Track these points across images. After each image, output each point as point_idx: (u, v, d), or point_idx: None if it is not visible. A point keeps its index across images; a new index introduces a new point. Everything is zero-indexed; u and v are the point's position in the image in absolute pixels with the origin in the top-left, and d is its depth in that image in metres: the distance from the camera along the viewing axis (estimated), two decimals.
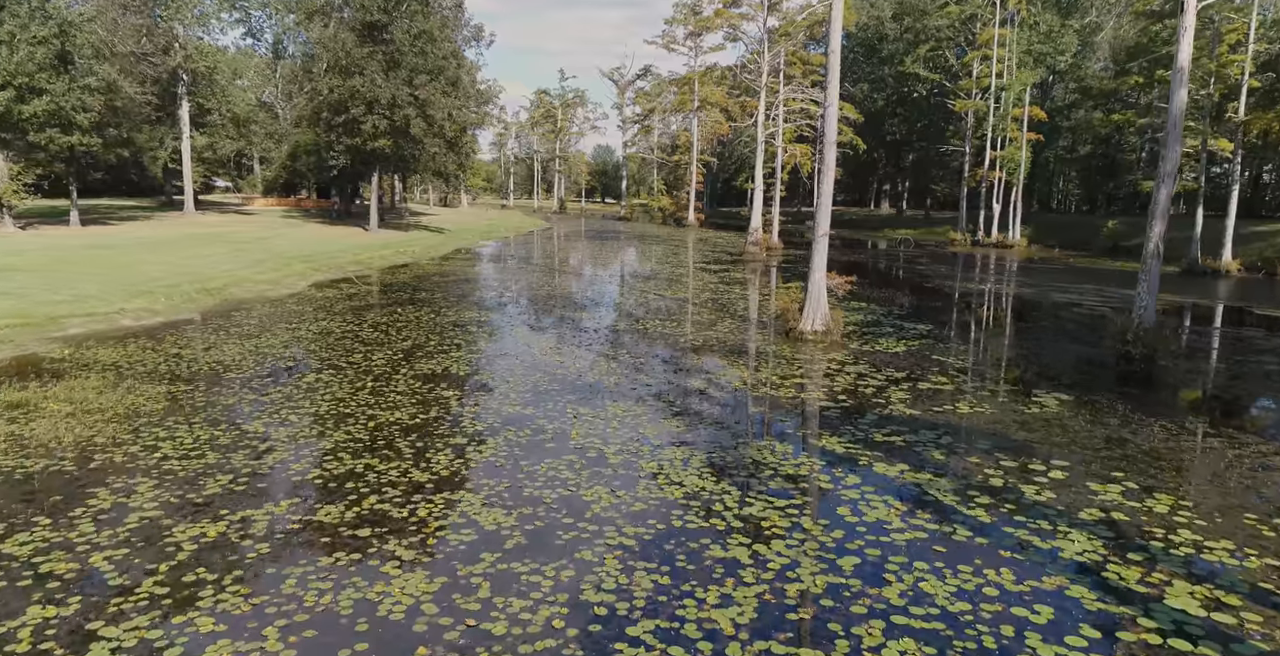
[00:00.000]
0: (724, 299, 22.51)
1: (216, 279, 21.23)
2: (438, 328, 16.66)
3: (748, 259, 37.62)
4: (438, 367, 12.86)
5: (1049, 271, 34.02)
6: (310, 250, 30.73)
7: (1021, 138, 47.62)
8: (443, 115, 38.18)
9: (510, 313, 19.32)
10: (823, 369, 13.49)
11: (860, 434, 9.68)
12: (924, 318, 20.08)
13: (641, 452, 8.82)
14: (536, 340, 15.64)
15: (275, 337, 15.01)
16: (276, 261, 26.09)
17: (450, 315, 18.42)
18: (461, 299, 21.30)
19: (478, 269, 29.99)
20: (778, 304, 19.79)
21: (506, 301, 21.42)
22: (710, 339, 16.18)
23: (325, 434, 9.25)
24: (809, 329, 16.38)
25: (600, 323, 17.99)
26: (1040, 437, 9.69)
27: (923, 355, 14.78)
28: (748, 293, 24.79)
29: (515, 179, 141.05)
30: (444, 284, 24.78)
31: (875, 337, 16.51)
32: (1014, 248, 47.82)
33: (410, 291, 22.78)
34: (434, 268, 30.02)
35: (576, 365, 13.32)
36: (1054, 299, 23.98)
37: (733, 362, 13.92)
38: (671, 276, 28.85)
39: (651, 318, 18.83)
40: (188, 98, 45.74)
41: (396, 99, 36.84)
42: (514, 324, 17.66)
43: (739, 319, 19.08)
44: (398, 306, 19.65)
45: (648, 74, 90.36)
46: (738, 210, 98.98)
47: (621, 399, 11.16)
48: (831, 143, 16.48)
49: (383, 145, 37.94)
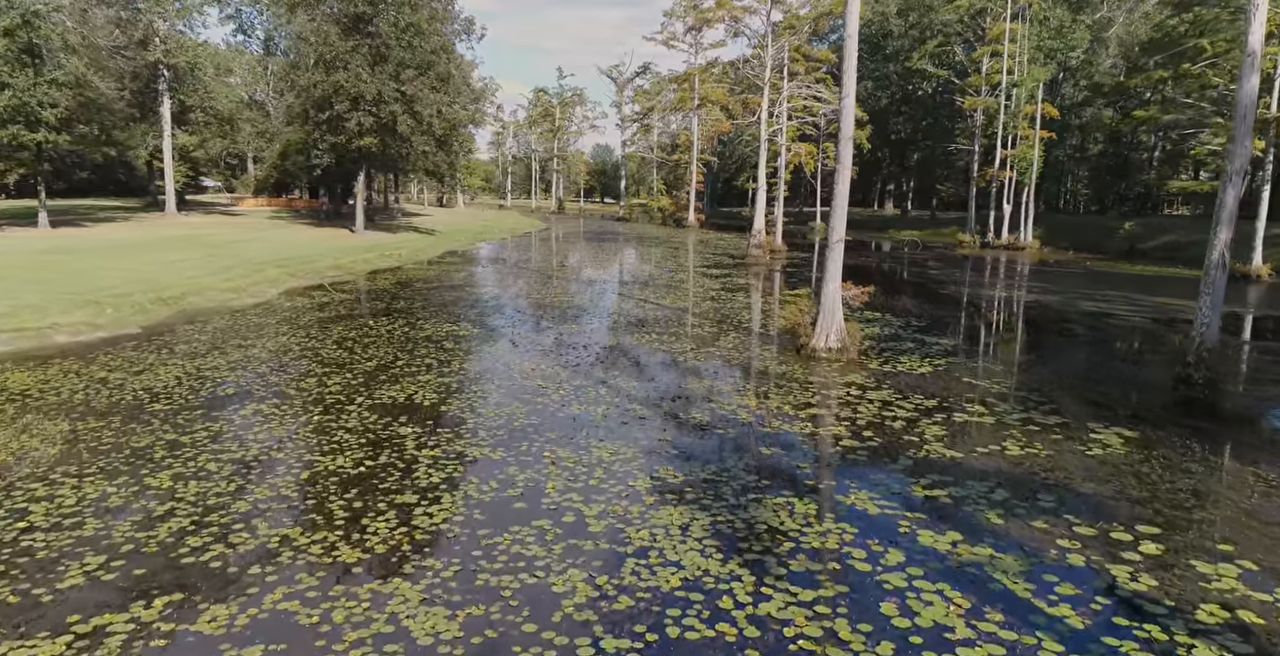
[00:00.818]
0: (727, 308, 20.85)
1: (176, 287, 19.56)
2: (410, 344, 15.00)
3: (750, 262, 35.97)
4: (400, 395, 11.19)
5: (1068, 276, 32.35)
6: (288, 254, 29.06)
7: (1034, 136, 45.94)
8: (431, 112, 36.49)
9: (494, 325, 17.65)
10: (841, 395, 11.82)
11: (896, 486, 8.02)
12: (945, 330, 18.41)
13: (630, 516, 7.16)
14: (518, 359, 13.97)
15: (223, 357, 13.34)
16: (248, 267, 24.42)
17: (427, 328, 16.75)
18: (443, 309, 19.64)
19: (465, 274, 28.34)
20: (787, 316, 18.15)
21: (491, 312, 19.75)
22: (713, 357, 14.51)
23: (244, 490, 7.58)
24: (822, 346, 14.72)
25: (591, 337, 16.32)
26: (1113, 491, 8.03)
27: (952, 377, 13.11)
28: (752, 301, 23.13)
29: (514, 179, 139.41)
30: (426, 291, 23.12)
31: (896, 355, 14.85)
32: (1026, 250, 46.15)
33: (388, 300, 21.12)
34: (419, 272, 28.35)
35: (560, 392, 11.65)
36: (1082, 308, 22.30)
37: (738, 387, 12.24)
38: (670, 282, 27.19)
39: (648, 331, 17.16)
40: (169, 94, 44.07)
41: (382, 94, 35.15)
42: (496, 339, 15.99)
43: (744, 332, 17.41)
44: (371, 318, 17.99)
45: (647, 72, 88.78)
46: (738, 210, 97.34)
47: (610, 437, 9.50)
48: (848, 138, 14.82)
49: (368, 143, 36.27)
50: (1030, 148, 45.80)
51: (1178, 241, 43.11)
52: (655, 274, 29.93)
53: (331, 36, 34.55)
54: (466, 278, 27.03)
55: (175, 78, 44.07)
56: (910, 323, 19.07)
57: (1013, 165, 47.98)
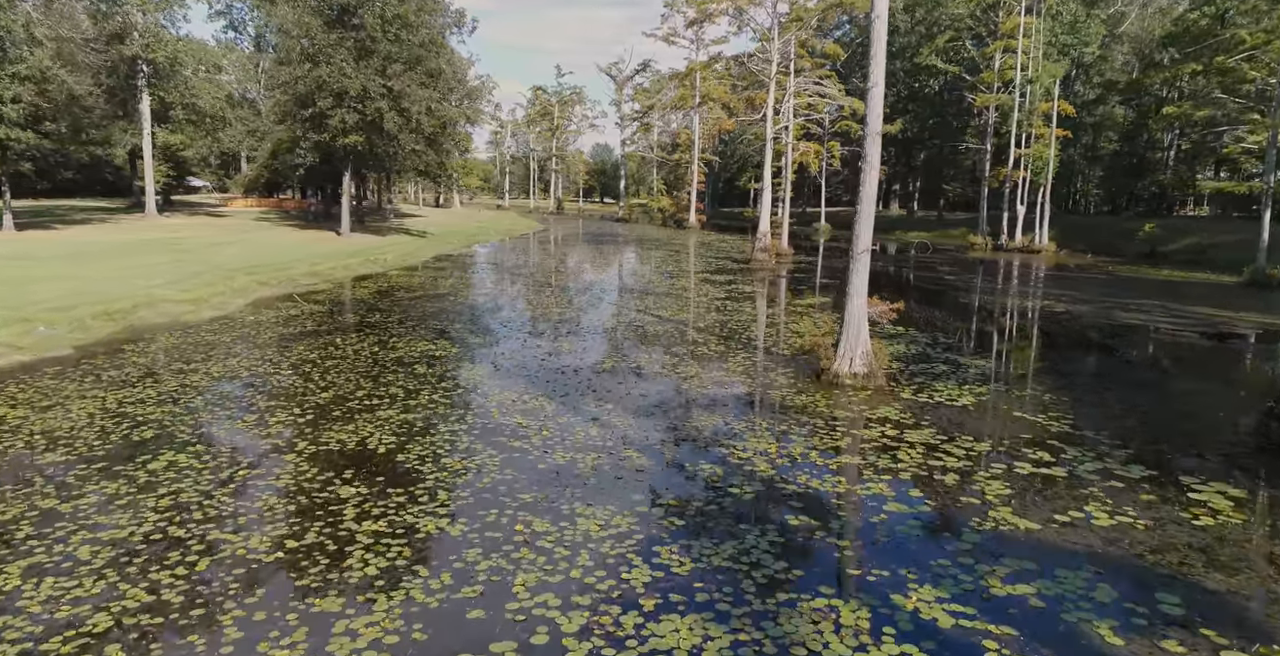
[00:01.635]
0: (734, 322, 19.03)
1: (127, 299, 17.74)
2: (378, 368, 13.19)
3: (755, 267, 34.16)
4: (352, 439, 9.38)
5: (1092, 282, 30.52)
6: (264, 259, 27.25)
7: (1050, 134, 44.10)
8: (420, 109, 34.65)
9: (476, 343, 15.83)
10: (875, 436, 10.01)
11: (966, 579, 6.20)
12: (978, 347, 16.59)
13: (623, 632, 5.35)
14: (499, 388, 12.16)
15: (154, 388, 11.53)
16: (216, 274, 22.62)
17: (400, 347, 14.94)
18: (422, 323, 17.82)
19: (452, 281, 26.53)
20: (805, 334, 16.33)
21: (475, 326, 17.93)
22: (721, 383, 12.70)
23: (112, 592, 5.76)
24: (846, 371, 12.90)
25: (584, 358, 14.51)
26: (1246, 584, 6.22)
27: (999, 411, 11.31)
28: (760, 312, 21.31)
29: (512, 179, 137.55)
30: (408, 302, 21.30)
31: (929, 381, 13.04)
32: (1041, 253, 44.32)
33: (363, 312, 19.30)
34: (403, 279, 26.53)
35: (544, 433, 9.84)
36: (1120, 320, 20.48)
37: (752, 426, 10.42)
38: (671, 290, 25.37)
39: (647, 350, 15.35)
40: (148, 90, 42.24)
41: (368, 90, 33.32)
42: (477, 360, 14.17)
43: (754, 351, 15.59)
44: (340, 334, 16.18)
45: (647, 69, 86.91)
46: (740, 211, 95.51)
47: (600, 498, 7.69)
48: (876, 134, 13.01)
49: (354, 142, 34.44)
50: (1046, 146, 43.98)
51: (1200, 244, 41.29)
52: (655, 280, 28.12)
53: (314, 29, 32.74)
54: (454, 285, 25.22)
55: (155, 74, 42.24)
56: (937, 338, 17.25)
57: (1027, 165, 46.17)
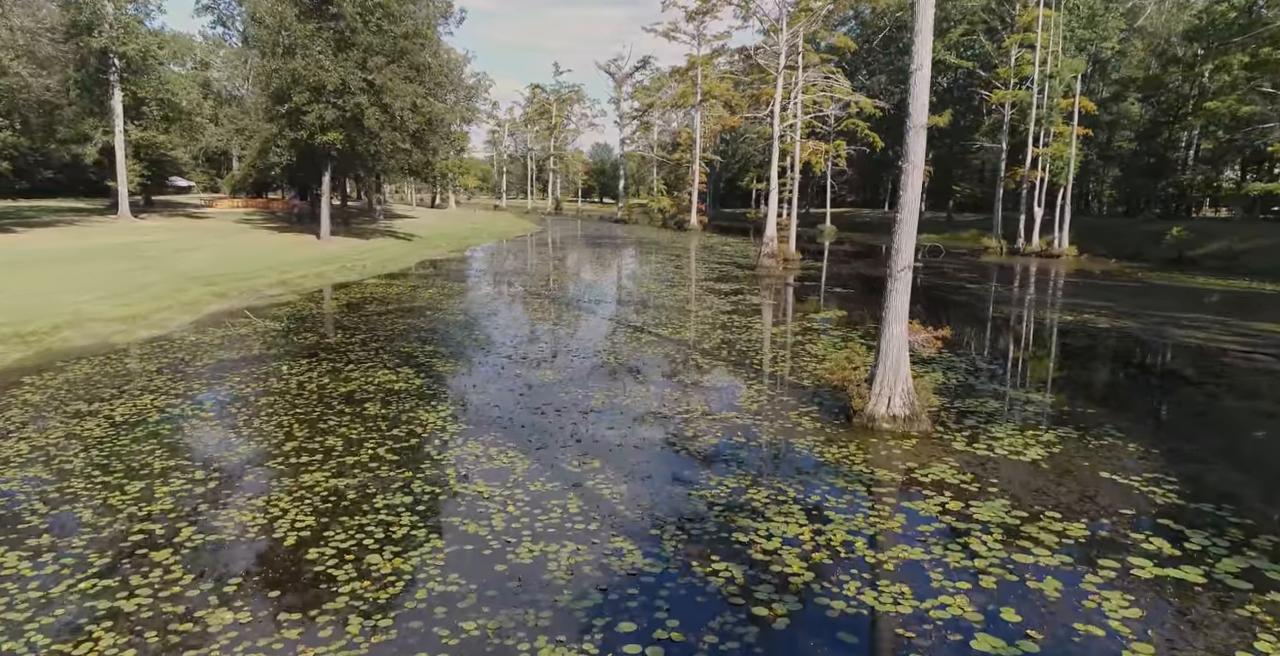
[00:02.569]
0: (743, 342, 16.83)
1: (53, 316, 15.55)
2: (320, 407, 10.99)
3: (762, 273, 31.95)
4: (253, 523, 7.17)
5: (1126, 291, 28.31)
6: (230, 267, 25.06)
7: (1071, 132, 41.88)
8: (404, 105, 32.42)
9: (444, 372, 13.61)
10: (933, 510, 7.80)
11: None
12: (1027, 376, 14.39)
13: None
14: (462, 436, 9.96)
15: (30, 441, 9.31)
16: (169, 285, 20.42)
17: (355, 378, 12.74)
18: (387, 345, 15.61)
19: (433, 292, 24.32)
20: (826, 358, 14.12)
21: (448, 349, 15.72)
22: (732, 429, 10.49)
23: None
24: (884, 413, 10.70)
25: (570, 392, 12.30)
26: None
27: (1080, 469, 9.10)
28: (773, 329, 19.08)
29: (510, 179, 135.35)
30: (377, 317, 19.09)
31: (982, 422, 10.85)
32: (1061, 258, 42.10)
33: (324, 330, 17.10)
34: (379, 289, 24.32)
35: (511, 508, 7.63)
36: (1178, 339, 18.26)
37: (776, 496, 8.20)
38: (672, 301, 23.16)
39: (644, 381, 13.14)
40: (120, 85, 40.03)
41: (347, 84, 31.08)
42: (441, 397, 11.96)
43: (770, 383, 13.37)
44: (289, 359, 13.98)
45: (647, 66, 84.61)
46: (742, 211, 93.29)
47: (575, 631, 5.48)
48: (921, 127, 10.85)
49: (332, 139, 32.21)
50: (1066, 145, 41.75)
51: (1231, 249, 39.11)
52: (655, 290, 25.90)
53: (289, 18, 30.51)
54: (433, 297, 23.02)
55: (128, 68, 40.03)
56: (976, 362, 15.05)
57: (1045, 164, 43.97)
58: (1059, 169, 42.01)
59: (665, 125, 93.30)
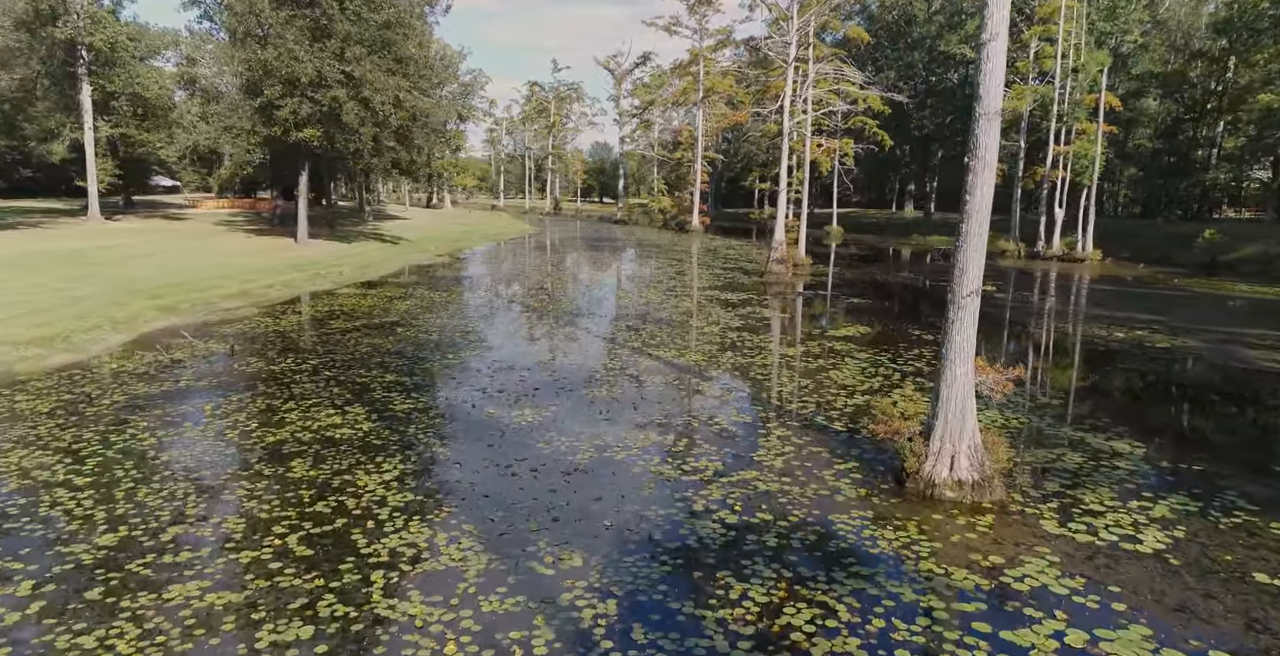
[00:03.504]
0: (757, 369, 14.55)
1: None
2: (234, 467, 8.71)
3: (771, 280, 29.66)
4: None
5: (1169, 301, 25.99)
6: (187, 276, 22.79)
7: (1096, 129, 39.54)
8: (385, 98, 30.11)
9: (400, 412, 11.31)
10: (1050, 648, 5.51)
11: None
12: (1099, 412, 12.07)
13: None
14: (404, 515, 7.68)
15: None
16: (105, 299, 18.13)
17: (291, 422, 10.46)
18: (343, 372, 13.33)
19: (410, 304, 22.02)
20: (856, 392, 11.85)
21: (413, 377, 13.42)
22: (753, 503, 8.19)
23: None
24: (946, 477, 8.43)
25: (548, 447, 10.02)
26: None
27: (1225, 566, 6.82)
28: (789, 351, 16.77)
29: (509, 178, 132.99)
30: (339, 336, 16.81)
31: (1068, 484, 8.62)
32: (1085, 262, 39.74)
33: (273, 354, 14.80)
34: (351, 301, 22.03)
35: (449, 650, 5.35)
36: (1252, 360, 15.93)
37: (822, 623, 5.91)
38: (675, 315, 20.87)
39: (641, 427, 10.84)
40: (88, 79, 37.75)
41: (323, 76, 28.78)
42: (388, 451, 9.68)
43: (795, 428, 11.07)
44: (217, 395, 11.70)
45: (647, 62, 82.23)
46: (746, 212, 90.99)
47: None
48: (994, 114, 8.58)
49: (308, 136, 29.90)
50: (1091, 142, 39.42)
51: (1269, 252, 36.77)
52: (655, 301, 23.61)
53: (260, 3, 28.20)
54: (410, 310, 20.73)
55: (96, 60, 37.75)
56: (1038, 396, 12.76)
57: (1067, 163, 41.63)
58: (1083, 168, 39.67)
59: (666, 123, 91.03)
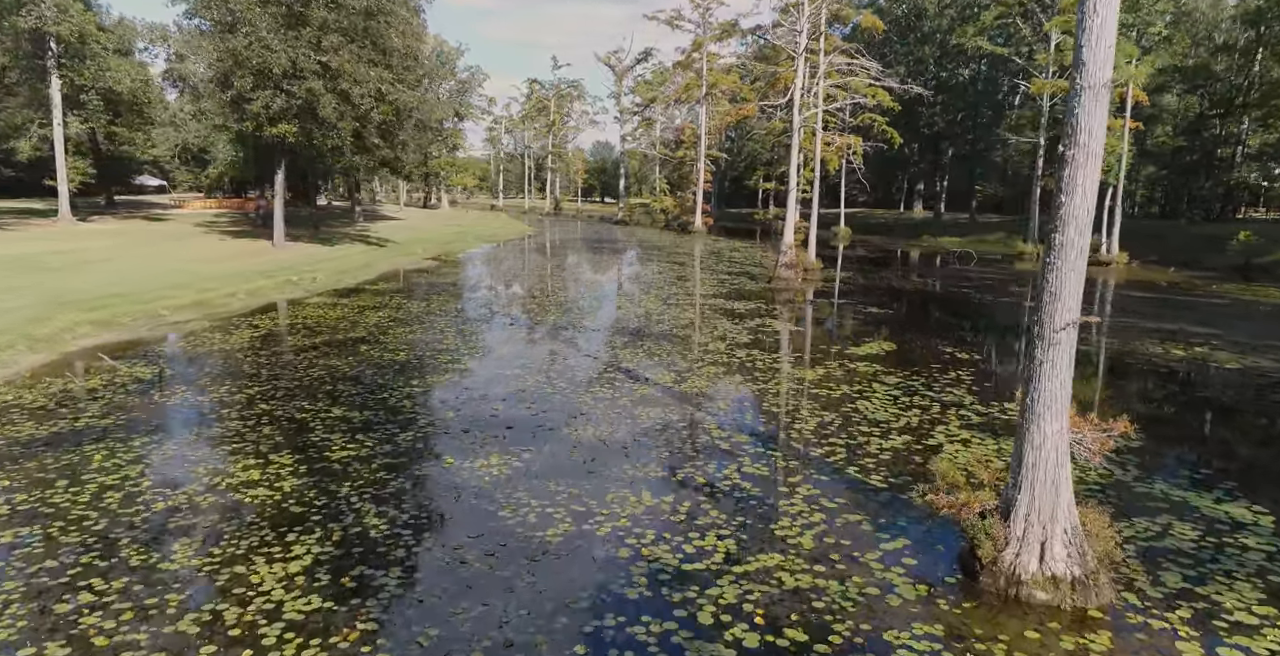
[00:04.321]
0: (771, 399, 12.44)
1: None
2: (94, 553, 6.62)
3: (779, 286, 27.55)
4: None
5: (1217, 311, 23.82)
6: (139, 284, 20.74)
7: (1123, 126, 37.35)
8: (366, 91, 28.01)
9: (334, 463, 9.21)
10: None
11: None
12: (1194, 461, 9.91)
13: None
14: (300, 637, 5.57)
15: None
16: (31, 313, 16.07)
17: (195, 476, 8.37)
18: (282, 405, 11.25)
19: (382, 315, 19.92)
20: (891, 430, 9.74)
21: (360, 415, 11.31)
22: (780, 609, 6.06)
23: None
24: (1035, 570, 6.33)
25: (514, 515, 7.91)
26: None
27: None
28: (808, 374, 14.62)
29: (509, 177, 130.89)
30: (291, 356, 14.73)
31: (1193, 578, 6.50)
32: (1112, 265, 37.55)
33: (204, 381, 12.71)
34: (318, 311, 19.94)
35: None
36: None
37: None
38: (676, 328, 18.76)
39: (630, 483, 8.72)
40: (57, 72, 35.74)
41: (298, 67, 26.68)
42: (306, 526, 7.58)
43: (826, 488, 8.93)
44: (117, 439, 9.61)
45: (648, 58, 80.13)
46: (749, 212, 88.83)
47: None
48: (1102, 86, 6.40)
49: (284, 131, 27.82)
50: (1118, 139, 37.22)
51: None
52: (655, 311, 21.50)
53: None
54: (380, 324, 18.63)
55: (65, 52, 35.73)
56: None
57: None
58: (1109, 166, 37.43)
59: (669, 122, 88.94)
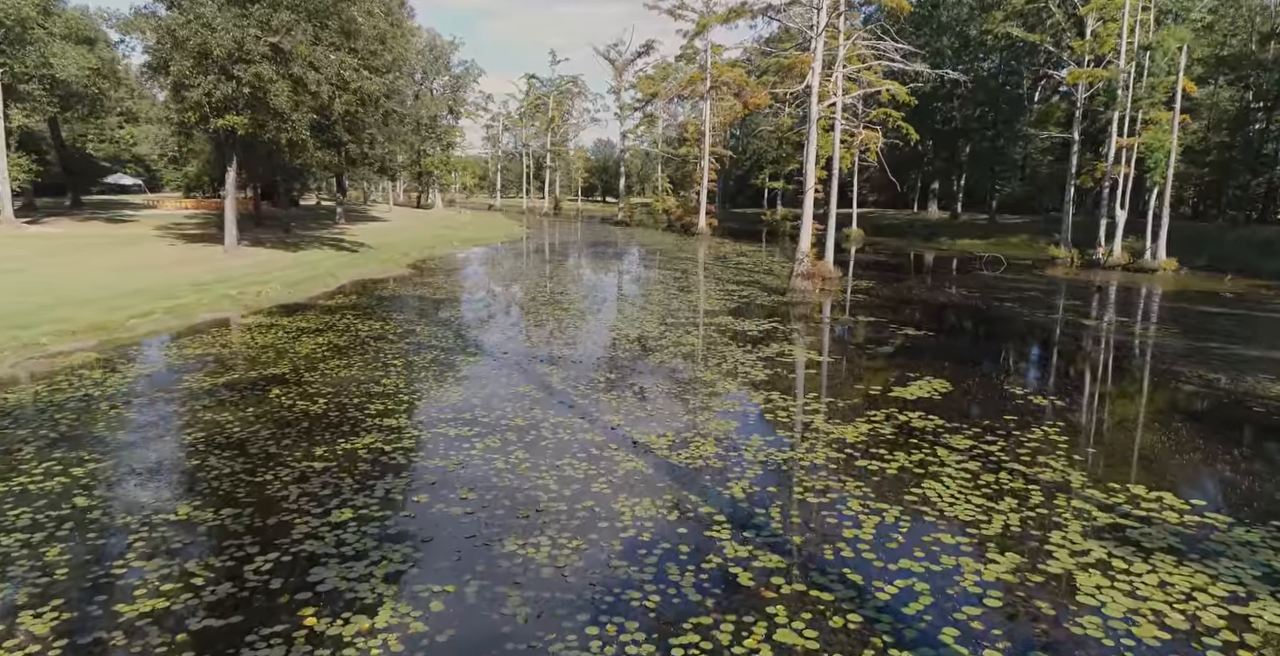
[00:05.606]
0: (807, 473, 9.03)
1: None
2: None
3: (795, 300, 24.15)
4: None
5: None
6: (38, 299, 17.42)
7: (1173, 119, 33.81)
8: (326, 76, 24.63)
9: (118, 629, 5.84)
10: None
11: None
12: None
13: None
14: None
15: None
16: None
17: None
18: (106, 498, 7.88)
19: (317, 341, 16.55)
20: (980, 525, 6.22)
21: (209, 518, 7.92)
22: None
23: None
24: None
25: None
26: None
27: None
28: (846, 434, 11.16)
29: (509, 177, 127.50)
30: (170, 407, 11.36)
31: None
32: (1157, 272, 34.08)
33: (31, 449, 9.34)
34: (242, 336, 16.56)
35: None
36: None
37: None
38: (673, 363, 15.33)
39: (617, 608, 5.29)
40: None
41: (244, 49, 23.30)
42: None
43: (889, 630, 5.48)
44: None
45: (650, 51, 76.62)
46: (755, 212, 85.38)
47: None
48: None
49: (232, 123, 24.44)
50: (1166, 132, 33.70)
51: None
52: (651, 335, 18.10)
53: None
54: (311, 355, 15.25)
55: (5, 39, 32.46)
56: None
57: (1129, 159, 35.93)
58: (1156, 163, 33.94)
59: (671, 119, 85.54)
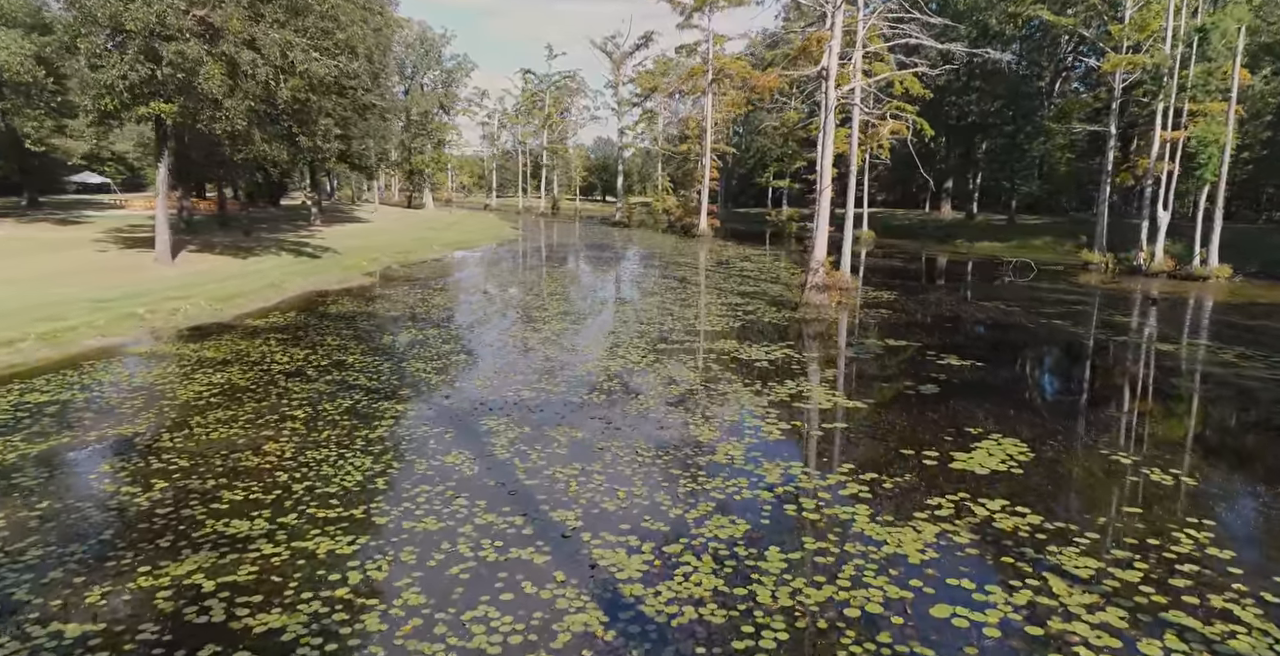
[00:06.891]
0: (853, 633, 5.60)
1: None
2: None
3: (810, 317, 20.74)
4: None
5: None
6: None
7: (1228, 110, 30.31)
8: (268, 57, 21.24)
9: None
10: None
11: None
12: None
13: None
14: None
15: None
16: None
17: None
18: None
19: (220, 377, 13.18)
20: None
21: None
22: None
23: None
24: None
25: None
26: None
27: None
28: (904, 541, 7.72)
29: (507, 175, 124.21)
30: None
31: None
32: (1211, 281, 30.59)
33: None
34: (119, 372, 13.20)
35: None
36: None
37: None
38: (663, 409, 11.92)
39: None
40: None
41: (166, 24, 19.92)
42: None
43: None
44: None
45: (649, 43, 73.17)
46: (759, 212, 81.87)
47: None
48: None
49: (159, 110, 21.06)
50: (1220, 125, 30.20)
51: None
52: (638, 366, 14.69)
53: None
54: (194, 400, 11.89)
55: None
56: None
57: (1174, 154, 32.47)
58: (1207, 159, 30.44)
59: (672, 116, 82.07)
